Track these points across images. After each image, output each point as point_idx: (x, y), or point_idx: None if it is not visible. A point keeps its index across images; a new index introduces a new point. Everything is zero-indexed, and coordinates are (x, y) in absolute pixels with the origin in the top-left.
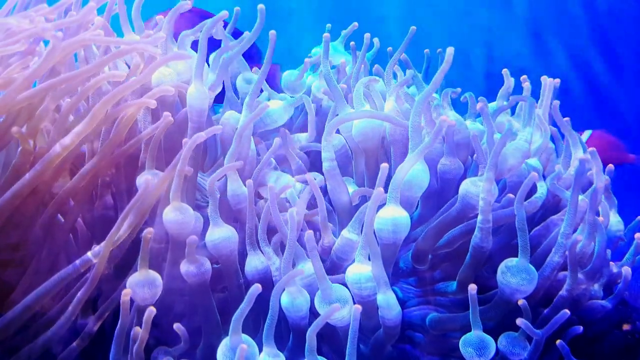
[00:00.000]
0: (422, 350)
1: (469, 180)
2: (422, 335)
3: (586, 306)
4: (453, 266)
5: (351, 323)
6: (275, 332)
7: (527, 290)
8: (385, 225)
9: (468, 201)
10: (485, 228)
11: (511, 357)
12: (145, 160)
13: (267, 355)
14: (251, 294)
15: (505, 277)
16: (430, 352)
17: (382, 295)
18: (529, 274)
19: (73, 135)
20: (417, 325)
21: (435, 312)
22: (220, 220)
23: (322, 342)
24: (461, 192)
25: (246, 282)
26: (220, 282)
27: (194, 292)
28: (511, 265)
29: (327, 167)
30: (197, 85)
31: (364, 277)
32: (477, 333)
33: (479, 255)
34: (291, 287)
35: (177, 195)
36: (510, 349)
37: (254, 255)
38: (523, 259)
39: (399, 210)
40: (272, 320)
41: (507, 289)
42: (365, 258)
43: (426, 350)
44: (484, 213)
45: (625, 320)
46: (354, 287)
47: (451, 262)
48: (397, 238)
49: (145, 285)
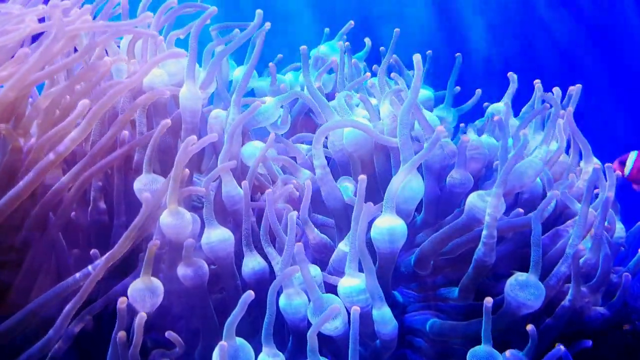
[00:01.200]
0: (422, 355)
1: (477, 194)
2: (423, 340)
3: (585, 314)
4: (455, 272)
5: (351, 326)
6: (277, 334)
7: (534, 306)
8: (382, 235)
9: (474, 215)
10: (489, 243)
11: None
12: (141, 163)
13: (267, 355)
14: (244, 300)
15: (513, 291)
16: (431, 357)
17: (377, 311)
18: (537, 289)
19: (68, 142)
20: (417, 330)
21: (437, 318)
22: (216, 222)
23: (321, 346)
24: (468, 204)
25: (243, 283)
26: (218, 284)
27: (192, 294)
28: (521, 280)
29: (319, 174)
30: (189, 86)
31: (356, 290)
32: (486, 348)
33: (481, 269)
34: (289, 288)
35: (173, 199)
36: None
37: (250, 256)
38: (534, 275)
39: (395, 219)
40: (270, 320)
41: (514, 302)
42: (356, 270)
43: (426, 356)
44: (489, 228)
45: (626, 320)
46: (346, 301)
47: (453, 268)
48: (393, 247)
49: (146, 294)
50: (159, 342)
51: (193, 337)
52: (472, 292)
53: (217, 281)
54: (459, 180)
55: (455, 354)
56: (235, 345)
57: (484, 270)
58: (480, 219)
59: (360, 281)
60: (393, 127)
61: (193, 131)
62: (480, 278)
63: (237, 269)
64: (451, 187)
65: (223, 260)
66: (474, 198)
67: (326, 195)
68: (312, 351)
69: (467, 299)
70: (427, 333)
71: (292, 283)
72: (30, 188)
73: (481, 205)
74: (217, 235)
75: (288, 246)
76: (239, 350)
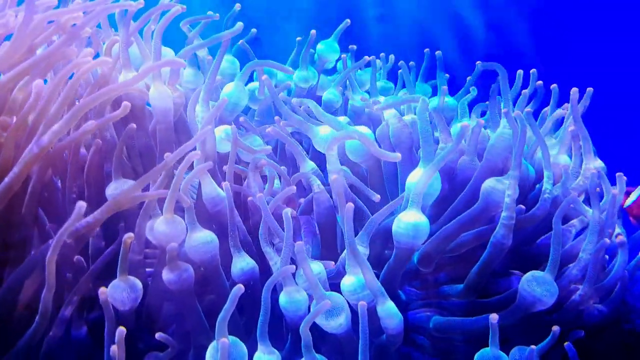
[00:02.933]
0: (424, 353)
1: (493, 179)
2: (425, 337)
3: (585, 311)
4: (457, 269)
5: (360, 320)
6: (276, 333)
7: (548, 302)
8: (406, 229)
9: (492, 198)
10: (508, 224)
11: None
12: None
13: (263, 353)
14: (234, 294)
15: (530, 286)
16: (433, 355)
17: (381, 307)
18: (552, 287)
19: (51, 134)
20: (420, 328)
21: (439, 315)
22: (198, 225)
23: (322, 343)
24: (485, 189)
25: (234, 284)
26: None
27: (179, 297)
28: (538, 276)
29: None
30: (156, 85)
31: (360, 286)
32: (494, 351)
33: (497, 252)
34: (289, 286)
35: (170, 207)
36: None
37: (239, 257)
38: (550, 274)
39: (420, 215)
40: (265, 317)
41: (530, 297)
42: (355, 267)
43: (429, 353)
44: (508, 210)
45: (625, 319)
46: (352, 298)
47: (455, 266)
48: (415, 243)
49: (124, 291)
50: (152, 344)
51: (186, 339)
52: (485, 278)
53: (207, 283)
54: (468, 162)
55: (457, 352)
56: (228, 343)
57: (500, 253)
58: (499, 202)
59: (363, 275)
60: (399, 126)
61: (167, 130)
62: (494, 264)
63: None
64: (462, 171)
65: (208, 263)
66: (491, 182)
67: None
68: (307, 347)
69: (471, 295)
70: (431, 330)
71: (293, 281)
72: (17, 183)
73: (500, 187)
74: (200, 238)
75: (287, 244)
76: (232, 347)
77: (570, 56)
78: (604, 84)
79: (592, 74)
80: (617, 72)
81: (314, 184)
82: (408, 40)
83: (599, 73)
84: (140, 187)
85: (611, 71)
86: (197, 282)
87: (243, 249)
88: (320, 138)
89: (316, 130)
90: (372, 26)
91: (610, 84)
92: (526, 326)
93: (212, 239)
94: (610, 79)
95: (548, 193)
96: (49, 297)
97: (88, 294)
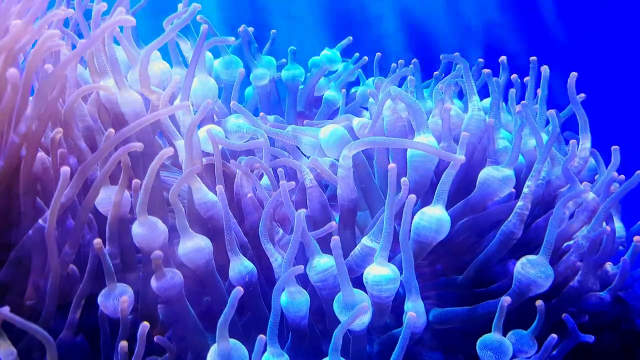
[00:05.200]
0: (424, 346)
1: (491, 167)
2: (425, 330)
3: (585, 298)
4: (453, 261)
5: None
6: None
7: (544, 285)
8: (430, 222)
9: (489, 184)
10: (522, 214)
11: (519, 354)
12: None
13: (272, 355)
14: (234, 297)
15: (524, 268)
16: (433, 348)
17: (411, 304)
18: (547, 269)
19: (26, 120)
20: None
21: (437, 308)
22: (191, 231)
23: (324, 341)
24: (482, 176)
25: (232, 287)
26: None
27: (170, 303)
28: (532, 259)
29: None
30: (121, 92)
31: (385, 279)
32: (497, 336)
33: (506, 242)
34: (291, 286)
35: (142, 209)
36: (519, 347)
37: (236, 260)
38: (544, 256)
39: (444, 212)
40: (274, 320)
41: (525, 281)
42: (386, 260)
43: (429, 346)
44: (525, 199)
45: (624, 319)
46: (374, 289)
47: (452, 257)
48: (435, 238)
49: (114, 298)
50: (151, 349)
51: (184, 342)
52: (489, 268)
53: (204, 286)
54: (447, 145)
55: (457, 344)
56: (228, 346)
57: (509, 243)
58: (495, 189)
59: (390, 271)
60: (393, 119)
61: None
62: (502, 253)
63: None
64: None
65: (204, 268)
66: (487, 170)
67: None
68: (335, 350)
69: (470, 287)
70: (430, 323)
71: (294, 281)
72: (4, 175)
73: (497, 175)
74: (193, 244)
75: (293, 244)
76: (233, 350)
77: (569, 56)
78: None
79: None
80: (617, 71)
81: (307, 178)
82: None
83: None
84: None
85: (610, 71)
86: (195, 284)
87: (240, 251)
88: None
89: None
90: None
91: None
92: (526, 315)
93: (205, 244)
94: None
95: (541, 179)
96: (56, 284)
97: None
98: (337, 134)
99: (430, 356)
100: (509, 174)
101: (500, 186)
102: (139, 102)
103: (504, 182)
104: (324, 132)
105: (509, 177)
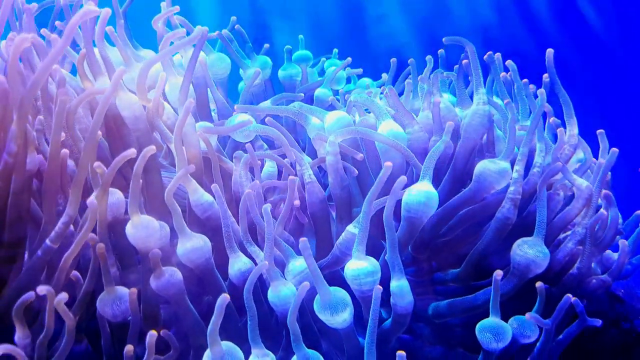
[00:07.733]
0: (424, 341)
1: (486, 160)
2: (424, 325)
3: (586, 283)
4: (451, 255)
5: (372, 301)
6: (276, 332)
7: (542, 264)
8: (418, 197)
9: (485, 178)
10: (515, 199)
11: (521, 340)
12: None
13: (256, 356)
14: (220, 304)
15: (522, 249)
16: (433, 342)
17: (395, 282)
18: (543, 249)
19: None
20: (418, 316)
21: (436, 302)
22: (188, 231)
23: (323, 339)
24: (478, 169)
25: (232, 285)
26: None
27: (172, 302)
28: (528, 240)
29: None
30: (120, 95)
31: (364, 272)
32: (495, 320)
33: (502, 228)
34: (274, 280)
35: (134, 210)
36: (522, 331)
37: (235, 257)
38: (539, 236)
39: (431, 187)
40: (252, 320)
41: (524, 261)
42: (363, 252)
43: (428, 341)
44: (516, 184)
45: (624, 318)
46: (354, 283)
47: (449, 251)
48: (427, 212)
49: (113, 303)
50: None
51: (185, 341)
52: (487, 256)
53: (204, 285)
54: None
55: (456, 338)
56: (221, 351)
57: (505, 229)
58: (491, 182)
59: (368, 264)
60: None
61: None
62: (499, 240)
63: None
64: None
65: (203, 267)
66: (484, 162)
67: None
68: (296, 341)
69: (468, 280)
70: (429, 317)
71: (278, 275)
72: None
73: (493, 168)
74: (191, 244)
75: (267, 240)
76: (226, 354)
77: (569, 56)
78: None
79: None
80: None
81: (305, 173)
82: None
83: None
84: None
85: (611, 71)
86: (195, 282)
87: (239, 248)
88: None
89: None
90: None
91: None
92: (526, 303)
93: (204, 243)
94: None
95: (538, 167)
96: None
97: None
98: (343, 121)
99: (430, 351)
100: (505, 166)
101: (496, 179)
102: (137, 105)
103: (500, 175)
104: (329, 117)
105: (505, 170)
